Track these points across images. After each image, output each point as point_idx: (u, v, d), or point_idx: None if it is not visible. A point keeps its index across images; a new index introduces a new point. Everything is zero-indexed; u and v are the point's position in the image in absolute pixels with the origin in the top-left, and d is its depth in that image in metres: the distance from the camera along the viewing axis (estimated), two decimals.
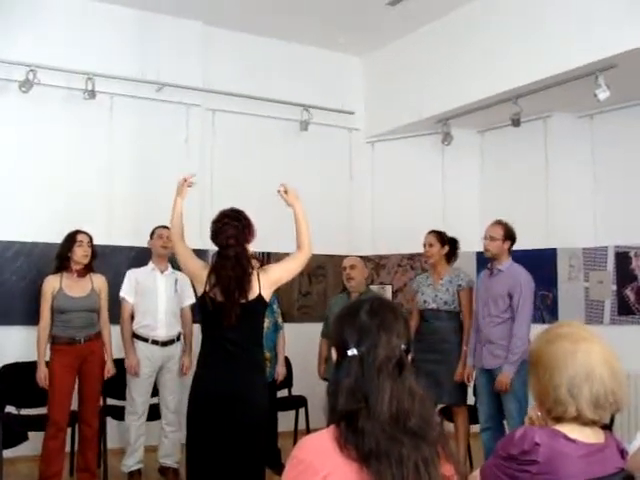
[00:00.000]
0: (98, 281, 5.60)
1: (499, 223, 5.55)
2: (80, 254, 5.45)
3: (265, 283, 4.02)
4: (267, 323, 5.92)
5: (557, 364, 2.07)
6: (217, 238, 4.06)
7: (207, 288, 3.94)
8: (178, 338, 5.94)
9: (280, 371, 6.13)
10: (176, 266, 5.88)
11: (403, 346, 1.86)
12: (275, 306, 6.15)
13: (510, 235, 5.52)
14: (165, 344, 5.83)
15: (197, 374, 4.01)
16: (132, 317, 5.85)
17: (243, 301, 3.89)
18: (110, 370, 5.65)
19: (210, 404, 3.84)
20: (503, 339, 5.34)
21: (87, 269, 5.55)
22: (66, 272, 5.46)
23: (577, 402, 2.03)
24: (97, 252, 5.66)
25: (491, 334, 5.43)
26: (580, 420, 2.06)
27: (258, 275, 4.02)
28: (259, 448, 3.95)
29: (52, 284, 5.41)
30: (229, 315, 3.86)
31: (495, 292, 5.45)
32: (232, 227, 4.04)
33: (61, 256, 5.48)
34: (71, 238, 5.48)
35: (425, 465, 1.74)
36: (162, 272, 5.92)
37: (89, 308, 5.49)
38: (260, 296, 3.98)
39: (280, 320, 6.18)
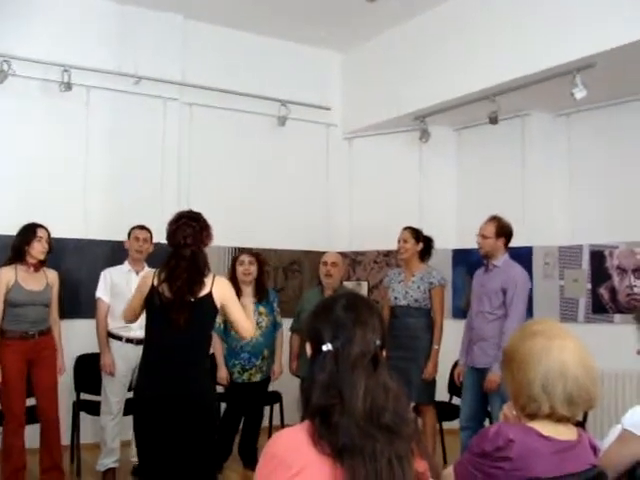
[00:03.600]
0: (51, 276, 5.46)
1: (493, 219, 5.49)
2: (39, 249, 5.28)
3: (217, 290, 3.92)
4: (266, 322, 5.94)
5: (531, 361, 2.08)
6: (174, 237, 3.93)
7: (155, 282, 3.87)
8: None
9: (277, 370, 6.12)
10: (152, 266, 5.88)
11: (378, 342, 1.86)
12: (275, 304, 6.16)
13: (504, 232, 5.45)
14: (140, 342, 5.73)
15: (139, 381, 3.96)
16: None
17: (192, 299, 3.83)
18: (61, 368, 5.53)
19: (157, 410, 3.80)
20: (495, 337, 5.27)
21: (42, 263, 5.42)
22: (20, 264, 5.29)
23: (550, 399, 2.04)
24: (53, 247, 5.47)
25: (484, 331, 5.38)
26: (553, 417, 2.07)
27: (214, 279, 3.94)
28: (208, 454, 3.89)
29: (7, 276, 5.20)
30: (177, 316, 3.80)
31: (489, 288, 5.41)
32: (190, 227, 3.93)
33: (18, 248, 5.29)
34: (30, 231, 5.29)
35: (398, 461, 1.73)
36: (137, 273, 5.80)
37: (44, 302, 5.35)
38: (210, 295, 3.88)
39: (279, 319, 6.16)
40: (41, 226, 5.36)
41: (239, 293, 5.81)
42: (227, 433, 6.03)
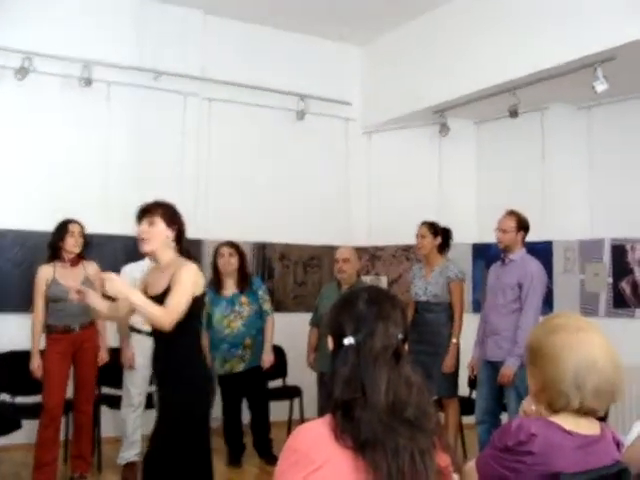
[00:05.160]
0: (91, 268, 5.56)
1: (511, 214, 5.45)
2: (71, 244, 5.42)
3: None
4: (248, 311, 5.97)
5: (560, 355, 2.05)
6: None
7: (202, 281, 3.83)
8: None
9: (266, 359, 6.08)
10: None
11: (400, 335, 1.86)
12: (261, 292, 6.17)
13: (523, 225, 5.43)
14: None
15: (202, 373, 3.86)
16: None
17: None
18: (104, 358, 5.66)
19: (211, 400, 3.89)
20: (509, 330, 5.25)
21: (79, 257, 5.53)
22: (59, 261, 5.44)
23: (581, 393, 2.02)
24: (89, 241, 5.62)
25: (498, 325, 5.36)
26: (581, 411, 2.05)
27: None
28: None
29: (45, 274, 5.39)
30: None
31: (505, 282, 5.38)
32: None
33: (53, 245, 5.46)
34: (62, 228, 5.44)
35: (421, 455, 1.73)
36: None
37: None
38: None
39: (267, 307, 6.16)
40: (73, 221, 5.49)
41: (221, 284, 5.99)
42: (232, 427, 6.13)
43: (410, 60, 7.55)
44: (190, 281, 3.66)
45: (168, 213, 3.91)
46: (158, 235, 3.83)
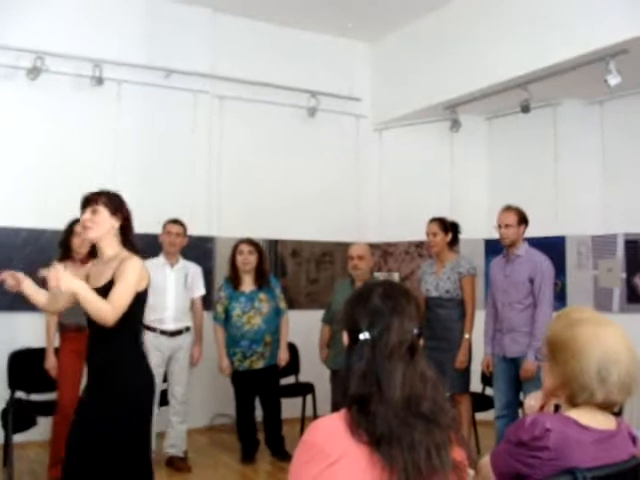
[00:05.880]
0: None
1: (510, 209, 5.45)
2: (77, 244, 5.43)
3: None
4: (267, 308, 5.98)
5: (582, 349, 2.03)
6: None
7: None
8: (187, 329, 5.95)
9: (282, 356, 6.13)
10: (188, 258, 5.97)
11: (415, 330, 1.85)
12: (278, 290, 6.20)
13: (524, 219, 5.43)
14: (173, 334, 5.84)
15: (141, 367, 3.70)
16: None
17: None
18: None
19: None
20: (526, 326, 5.26)
21: (90, 256, 5.53)
22: (69, 260, 5.44)
23: (605, 386, 2.01)
24: None
25: (514, 321, 5.35)
26: (603, 405, 2.04)
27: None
28: None
29: None
30: None
31: (516, 278, 5.37)
32: None
33: (62, 245, 5.50)
34: (69, 228, 5.47)
35: (437, 450, 1.73)
36: (172, 266, 5.91)
37: None
38: None
39: (283, 305, 6.19)
40: (79, 221, 5.43)
41: (239, 281, 5.96)
42: (246, 423, 6.13)
43: (420, 56, 7.54)
44: (135, 275, 3.57)
45: (112, 202, 3.81)
46: (102, 223, 3.73)
